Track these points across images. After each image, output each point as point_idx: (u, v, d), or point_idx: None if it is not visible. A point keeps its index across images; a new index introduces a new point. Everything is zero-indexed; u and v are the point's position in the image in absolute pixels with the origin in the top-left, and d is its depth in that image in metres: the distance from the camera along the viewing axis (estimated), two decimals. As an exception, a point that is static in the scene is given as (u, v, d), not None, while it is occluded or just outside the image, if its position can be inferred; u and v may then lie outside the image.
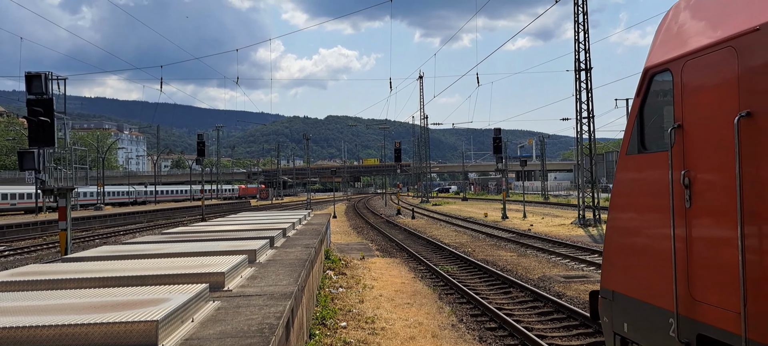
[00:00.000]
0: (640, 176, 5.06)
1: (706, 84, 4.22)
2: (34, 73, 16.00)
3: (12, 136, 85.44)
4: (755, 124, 3.70)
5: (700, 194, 4.22)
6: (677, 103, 4.49)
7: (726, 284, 3.90)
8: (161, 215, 57.07)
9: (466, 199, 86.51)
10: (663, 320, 4.59)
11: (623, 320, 5.22)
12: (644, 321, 4.87)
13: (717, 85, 4.09)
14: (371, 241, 28.30)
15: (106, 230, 40.55)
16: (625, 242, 5.24)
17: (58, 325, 3.80)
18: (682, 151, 4.40)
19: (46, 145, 16.26)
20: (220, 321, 4.77)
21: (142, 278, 5.88)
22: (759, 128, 3.67)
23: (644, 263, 4.90)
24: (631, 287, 5.06)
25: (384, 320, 10.65)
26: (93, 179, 77.34)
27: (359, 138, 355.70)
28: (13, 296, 5.12)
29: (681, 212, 4.38)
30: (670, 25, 4.94)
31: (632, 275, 5.08)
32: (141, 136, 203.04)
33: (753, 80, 3.75)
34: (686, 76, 4.41)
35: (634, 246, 5.08)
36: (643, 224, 5.02)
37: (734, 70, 3.92)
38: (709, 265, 4.12)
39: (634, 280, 5.03)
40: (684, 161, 4.38)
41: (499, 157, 43.94)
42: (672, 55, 4.62)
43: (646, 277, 4.86)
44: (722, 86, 4.02)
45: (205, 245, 9.04)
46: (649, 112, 5.00)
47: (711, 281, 4.09)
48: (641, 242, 5.00)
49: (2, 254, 25.80)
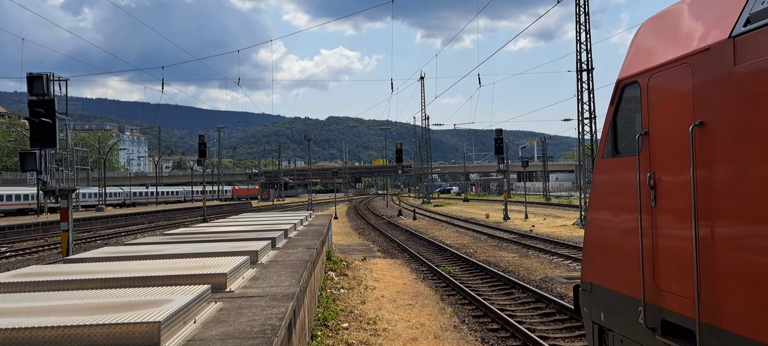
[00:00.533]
0: (613, 177, 5.55)
1: (667, 96, 4.69)
2: (35, 74, 16.01)
3: (14, 138, 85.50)
4: (707, 133, 4.16)
5: (663, 194, 4.68)
6: (644, 112, 4.95)
7: (684, 274, 4.38)
8: (162, 216, 57.10)
9: (467, 200, 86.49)
10: (633, 308, 5.02)
11: (600, 310, 5.67)
12: (617, 310, 5.34)
13: (676, 97, 4.56)
14: (373, 242, 28.28)
15: (107, 231, 40.56)
16: (601, 239, 5.72)
17: (60, 326, 3.79)
18: (648, 155, 4.86)
19: (48, 147, 16.27)
20: (222, 322, 4.76)
21: (144, 279, 5.88)
22: (710, 136, 4.12)
23: (617, 257, 5.37)
24: (607, 279, 5.55)
25: (386, 321, 10.64)
26: (94, 180, 77.29)
27: (360, 139, 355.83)
28: (16, 297, 5.11)
29: (647, 211, 4.84)
30: (639, 41, 5.45)
31: (607, 268, 5.56)
32: (142, 137, 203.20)
33: (705, 94, 4.21)
34: (651, 88, 4.89)
35: (609, 242, 5.57)
36: (616, 221, 5.47)
37: (690, 84, 4.38)
38: (670, 258, 4.58)
39: (609, 273, 5.52)
40: (650, 165, 4.84)
41: (500, 158, 43.91)
42: (640, 69, 5.10)
43: (618, 270, 5.33)
44: (680, 98, 4.50)
45: (206, 246, 9.03)
46: (621, 119, 5.49)
47: (672, 272, 4.54)
48: (614, 238, 5.48)
49: (4, 255, 25.82)
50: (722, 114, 4.04)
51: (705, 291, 4.14)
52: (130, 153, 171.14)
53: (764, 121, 3.65)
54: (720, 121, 4.06)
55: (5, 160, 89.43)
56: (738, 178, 3.90)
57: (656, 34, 5.18)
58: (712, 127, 4.12)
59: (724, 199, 4.03)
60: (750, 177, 3.79)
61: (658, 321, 4.67)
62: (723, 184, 4.05)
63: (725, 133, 4.01)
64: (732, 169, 3.97)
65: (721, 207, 4.05)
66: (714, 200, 4.10)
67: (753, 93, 3.77)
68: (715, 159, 4.10)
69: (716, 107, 4.09)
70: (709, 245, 4.12)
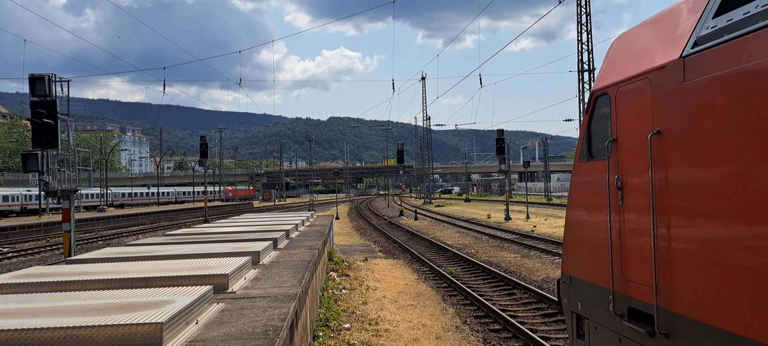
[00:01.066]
0: (588, 179, 6.10)
1: (631, 107, 5.22)
2: (37, 76, 16.01)
3: (15, 138, 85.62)
4: (662, 140, 4.68)
5: (628, 194, 5.21)
6: (613, 121, 5.50)
7: (645, 266, 4.89)
8: (164, 217, 57.14)
9: (468, 200, 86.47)
10: (604, 297, 5.52)
11: (578, 301, 6.23)
12: (592, 300, 5.88)
13: (638, 108, 5.08)
14: (374, 242, 28.28)
15: (109, 232, 40.60)
16: (578, 235, 6.29)
17: (62, 327, 3.79)
18: (616, 159, 5.39)
19: (50, 147, 16.27)
20: (224, 323, 4.76)
21: (146, 280, 5.88)
22: (665, 143, 4.63)
23: (591, 252, 5.91)
24: (583, 272, 6.10)
25: (388, 322, 10.63)
26: (96, 181, 77.24)
27: (362, 139, 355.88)
28: (18, 298, 5.11)
29: (616, 209, 5.38)
30: (611, 56, 6.02)
31: (583, 261, 6.13)
32: (144, 138, 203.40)
33: (661, 106, 4.73)
34: (619, 99, 5.43)
35: (584, 238, 6.14)
36: (590, 219, 6.04)
37: (649, 97, 4.91)
38: (634, 251, 5.10)
39: (585, 266, 6.08)
40: (618, 168, 5.37)
41: (501, 158, 43.89)
42: (609, 82, 5.64)
43: (592, 263, 5.88)
44: (641, 109, 5.02)
45: (208, 247, 9.03)
46: (595, 127, 6.02)
47: (636, 264, 5.06)
48: (589, 234, 6.04)
49: (6, 255, 25.84)
50: (675, 124, 4.55)
51: (661, 280, 4.66)
52: (132, 154, 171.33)
53: (708, 130, 4.18)
54: (673, 130, 4.56)
55: (7, 161, 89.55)
56: (688, 180, 4.41)
57: (624, 51, 5.76)
58: (667, 135, 4.64)
59: (676, 198, 4.54)
60: (697, 179, 4.30)
61: (625, 308, 5.19)
62: (675, 185, 4.55)
63: (677, 141, 4.51)
64: (683, 172, 4.48)
65: (674, 205, 4.56)
66: (668, 199, 4.62)
67: (699, 106, 4.29)
68: (669, 163, 4.62)
69: (670, 118, 4.61)
70: (664, 239, 4.64)
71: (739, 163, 3.91)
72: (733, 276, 3.93)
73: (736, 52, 3.98)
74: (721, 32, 4.22)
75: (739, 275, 3.87)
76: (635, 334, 5.02)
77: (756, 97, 3.72)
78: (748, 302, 3.74)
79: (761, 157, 3.65)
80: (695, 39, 4.49)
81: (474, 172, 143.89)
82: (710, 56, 4.20)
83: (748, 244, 3.80)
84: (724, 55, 4.07)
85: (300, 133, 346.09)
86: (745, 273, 3.81)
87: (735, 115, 3.95)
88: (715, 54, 4.16)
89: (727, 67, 4.04)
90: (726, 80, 4.03)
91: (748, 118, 3.80)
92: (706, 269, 4.16)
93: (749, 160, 3.80)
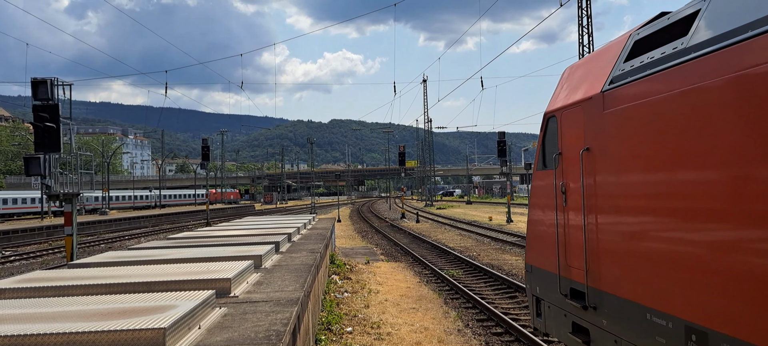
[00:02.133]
0: (542, 184, 7.26)
1: (570, 127, 6.42)
2: (39, 79, 16.04)
3: (18, 142, 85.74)
4: (590, 155, 5.92)
5: (568, 197, 6.41)
6: (559, 138, 6.72)
7: (580, 254, 6.09)
8: (166, 220, 57.17)
9: (470, 202, 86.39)
10: (554, 281, 6.77)
11: (536, 285, 7.45)
12: (546, 284, 7.09)
13: (575, 129, 6.30)
14: (376, 245, 28.26)
15: (111, 235, 40.62)
16: (536, 230, 7.47)
17: (65, 332, 3.79)
18: (562, 169, 6.60)
19: (52, 151, 16.29)
20: (226, 328, 4.76)
21: (148, 285, 5.88)
22: (592, 158, 5.88)
23: (545, 244, 7.09)
24: (539, 261, 7.33)
25: (389, 325, 10.62)
26: (98, 184, 77.13)
27: (363, 142, 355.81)
28: (20, 303, 5.12)
29: (561, 209, 6.58)
30: (561, 84, 7.23)
31: (540, 252, 7.32)
32: (145, 141, 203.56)
33: (589, 128, 5.97)
34: (563, 121, 6.64)
35: (541, 233, 7.30)
36: (544, 217, 7.17)
37: (582, 120, 6.14)
38: (573, 243, 6.28)
39: (541, 256, 7.28)
40: (562, 176, 6.57)
41: (503, 160, 43.86)
42: (557, 106, 6.85)
43: (546, 253, 7.07)
44: (577, 130, 6.24)
45: (210, 251, 9.03)
46: (547, 142, 7.15)
47: (574, 253, 6.26)
48: (543, 229, 7.19)
49: (8, 259, 25.87)
50: (597, 143, 5.78)
51: (590, 265, 5.90)
52: (134, 157, 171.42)
53: (618, 148, 5.39)
54: (597, 147, 5.80)
55: (10, 164, 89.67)
56: (605, 186, 5.64)
57: (569, 81, 6.97)
58: (593, 151, 5.87)
59: (598, 201, 5.76)
60: (611, 185, 5.53)
61: (568, 289, 6.45)
62: (597, 191, 5.77)
63: (599, 156, 5.76)
64: (602, 181, 5.69)
65: (597, 206, 5.79)
66: (593, 201, 5.84)
67: (612, 129, 5.52)
68: (594, 173, 5.84)
69: (595, 138, 5.85)
70: (591, 232, 5.86)
71: (638, 173, 5.10)
72: (633, 259, 5.15)
73: (633, 91, 5.24)
74: (625, 75, 5.47)
75: (637, 259, 5.08)
76: (574, 309, 6.30)
77: (645, 125, 4.98)
78: (642, 278, 4.99)
79: (653, 169, 4.86)
80: (611, 78, 5.72)
81: (475, 174, 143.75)
82: (619, 92, 5.48)
83: (644, 234, 4.99)
84: (626, 93, 5.34)
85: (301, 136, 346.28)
86: (641, 256, 5.01)
87: (635, 137, 5.14)
88: (622, 91, 5.43)
89: (628, 102, 5.29)
90: (628, 111, 5.27)
91: (643, 139, 5.00)
92: (617, 255, 5.42)
93: (645, 171, 5.00)
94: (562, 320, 6.64)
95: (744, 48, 3.95)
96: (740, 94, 3.93)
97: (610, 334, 5.57)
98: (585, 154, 5.99)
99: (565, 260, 6.45)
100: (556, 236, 6.63)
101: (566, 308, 6.48)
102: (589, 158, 5.93)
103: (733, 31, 4.11)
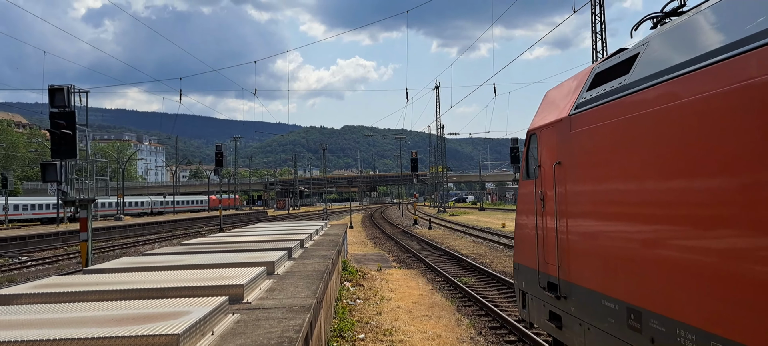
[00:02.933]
0: (526, 192, 8.35)
1: (547, 144, 7.52)
2: (56, 87, 16.24)
3: (35, 148, 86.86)
4: (561, 168, 6.97)
5: (545, 204, 7.50)
6: (538, 153, 7.83)
7: (553, 252, 7.14)
8: (179, 226, 57.54)
9: (483, 209, 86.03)
10: (535, 276, 7.86)
11: (522, 280, 8.57)
12: (529, 279, 8.17)
13: (550, 145, 7.39)
14: (388, 252, 28.23)
15: (125, 241, 40.95)
16: (522, 233, 8.59)
17: (80, 338, 3.83)
18: (541, 179, 7.68)
19: (68, 157, 16.47)
20: (239, 334, 4.77)
21: (162, 290, 5.92)
22: (563, 171, 6.91)
23: (528, 244, 8.19)
24: (524, 259, 8.42)
25: (402, 333, 10.59)
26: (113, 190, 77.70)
27: (375, 148, 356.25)
28: (36, 308, 5.17)
29: (540, 214, 7.69)
30: (541, 106, 8.39)
31: (524, 252, 8.45)
32: (160, 147, 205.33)
33: (561, 145, 7.03)
34: (541, 138, 7.74)
35: (524, 235, 8.44)
36: (528, 221, 8.27)
37: (555, 139, 7.20)
38: (549, 242, 7.34)
39: (525, 255, 8.39)
40: (541, 185, 7.65)
41: (516, 166, 43.69)
42: (537, 125, 7.96)
43: (528, 252, 8.18)
44: (551, 146, 7.34)
45: (223, 257, 9.07)
46: (530, 156, 8.27)
47: (550, 251, 7.31)
48: (527, 232, 8.31)
49: (25, 264, 26.16)
50: (566, 157, 6.84)
51: (561, 261, 6.94)
52: (148, 163, 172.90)
53: (581, 164, 6.46)
54: (565, 162, 6.86)
55: (27, 170, 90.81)
56: (571, 194, 6.68)
57: (547, 103, 8.15)
58: (563, 165, 6.92)
59: (567, 206, 6.79)
60: (576, 193, 6.58)
61: (545, 282, 7.47)
62: (566, 197, 6.81)
63: (567, 169, 6.81)
64: (569, 189, 6.73)
65: (565, 211, 6.83)
66: (563, 207, 6.88)
67: (576, 147, 6.59)
68: (563, 183, 6.90)
69: (564, 153, 6.91)
70: (562, 233, 6.91)
71: (594, 183, 6.16)
72: (591, 255, 6.17)
73: (591, 116, 6.26)
74: (586, 103, 6.47)
75: (593, 254, 6.10)
76: (550, 299, 7.34)
77: (599, 145, 6.02)
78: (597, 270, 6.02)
79: (604, 180, 5.93)
80: (576, 103, 6.74)
81: (488, 180, 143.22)
82: (581, 116, 6.51)
83: (598, 234, 6.07)
84: (586, 117, 6.37)
85: (314, 142, 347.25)
86: (596, 252, 6.04)
87: (592, 154, 6.20)
88: (583, 115, 6.45)
89: (587, 124, 6.32)
90: (587, 132, 6.32)
91: (597, 156, 6.06)
92: (580, 252, 6.44)
93: (599, 182, 6.06)
94: (542, 310, 7.76)
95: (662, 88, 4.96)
96: (657, 124, 4.99)
97: (576, 319, 6.59)
98: (557, 167, 7.09)
99: (544, 257, 7.53)
100: (536, 237, 7.76)
101: (544, 299, 7.60)
102: (560, 171, 7.01)
103: (656, 74, 5.12)
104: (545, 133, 7.60)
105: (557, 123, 7.16)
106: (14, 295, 5.91)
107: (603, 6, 31.99)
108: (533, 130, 8.14)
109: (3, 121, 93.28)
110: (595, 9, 31.86)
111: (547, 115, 7.72)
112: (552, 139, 7.31)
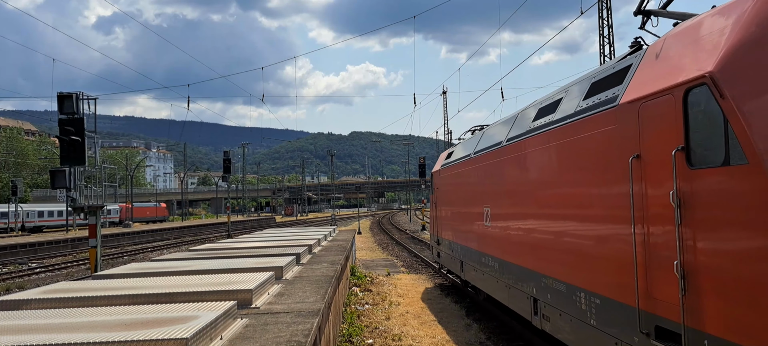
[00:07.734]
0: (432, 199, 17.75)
1: (435, 180, 17.55)
2: (65, 94, 16.35)
3: (44, 155, 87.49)
4: (438, 192, 16.92)
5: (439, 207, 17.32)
6: (433, 183, 17.99)
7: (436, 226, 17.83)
8: (187, 232, 57.71)
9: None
10: (434, 238, 17.80)
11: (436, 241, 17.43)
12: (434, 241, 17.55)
13: (436, 180, 17.49)
14: (396, 257, 28.17)
15: (134, 247, 41.11)
16: (432, 218, 17.73)
17: (89, 342, 3.83)
18: (435, 195, 18.01)
19: (77, 164, 16.56)
20: (248, 339, 4.76)
21: (170, 295, 5.92)
22: (438, 194, 16.83)
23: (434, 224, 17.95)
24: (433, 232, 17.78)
25: (411, 338, 10.54)
26: (122, 197, 78.07)
27: (383, 154, 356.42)
28: (46, 313, 5.18)
29: (434, 208, 18.00)
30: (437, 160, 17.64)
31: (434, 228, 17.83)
32: (168, 154, 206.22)
33: (438, 181, 16.86)
34: (434, 177, 17.82)
35: (433, 219, 17.96)
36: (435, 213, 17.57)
37: (436, 178, 17.21)
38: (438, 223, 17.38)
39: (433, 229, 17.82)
40: (435, 197, 18.00)
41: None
42: (433, 170, 18.07)
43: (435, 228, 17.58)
44: (436, 182, 17.34)
45: (232, 262, 9.08)
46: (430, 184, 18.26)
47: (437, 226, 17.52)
48: (433, 217, 17.71)
49: (34, 270, 26.30)
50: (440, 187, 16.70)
51: (438, 230, 16.84)
52: (157, 170, 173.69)
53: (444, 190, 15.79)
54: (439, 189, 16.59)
55: (36, 177, 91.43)
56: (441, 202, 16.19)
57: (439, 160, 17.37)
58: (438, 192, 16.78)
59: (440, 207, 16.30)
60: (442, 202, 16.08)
61: (435, 241, 17.31)
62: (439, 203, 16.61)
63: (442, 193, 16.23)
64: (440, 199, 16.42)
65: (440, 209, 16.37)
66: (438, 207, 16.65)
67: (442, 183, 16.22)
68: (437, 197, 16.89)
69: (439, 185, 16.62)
70: (440, 218, 16.20)
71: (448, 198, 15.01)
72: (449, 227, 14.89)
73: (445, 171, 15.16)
74: (444, 165, 15.31)
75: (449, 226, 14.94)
76: (436, 247, 17.00)
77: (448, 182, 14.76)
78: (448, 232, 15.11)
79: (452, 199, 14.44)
80: (441, 165, 15.93)
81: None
82: (442, 171, 15.70)
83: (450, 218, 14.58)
84: (444, 173, 15.30)
85: (322, 148, 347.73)
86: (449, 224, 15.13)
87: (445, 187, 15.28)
88: (442, 171, 15.63)
89: (444, 174, 15.34)
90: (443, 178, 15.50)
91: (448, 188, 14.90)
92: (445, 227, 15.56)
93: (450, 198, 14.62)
94: (434, 251, 17.32)
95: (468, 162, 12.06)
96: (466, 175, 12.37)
97: (446, 253, 15.34)
98: (437, 192, 16.62)
99: (435, 229, 17.23)
100: (435, 220, 16.80)
101: (435, 247, 16.79)
102: (438, 192, 16.43)
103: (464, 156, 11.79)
104: (434, 175, 17.09)
105: (437, 172, 16.61)
106: (24, 300, 5.93)
107: (610, 9, 31.90)
108: (433, 173, 17.45)
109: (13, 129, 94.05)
110: (603, 13, 31.76)
111: (436, 167, 17.10)
112: (436, 178, 16.82)
